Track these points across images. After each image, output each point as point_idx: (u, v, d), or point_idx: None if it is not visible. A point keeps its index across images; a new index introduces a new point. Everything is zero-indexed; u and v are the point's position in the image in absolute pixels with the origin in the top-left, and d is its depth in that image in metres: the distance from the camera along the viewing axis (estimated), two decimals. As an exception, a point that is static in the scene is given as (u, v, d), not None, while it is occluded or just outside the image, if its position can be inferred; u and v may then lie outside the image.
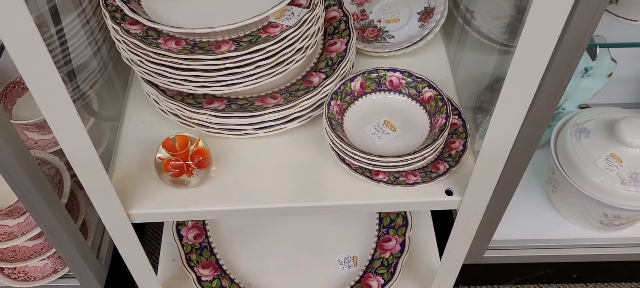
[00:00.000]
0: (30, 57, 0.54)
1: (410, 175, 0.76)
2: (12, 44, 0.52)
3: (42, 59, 0.54)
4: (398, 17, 0.94)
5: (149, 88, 0.79)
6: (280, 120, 0.79)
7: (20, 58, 0.54)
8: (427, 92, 0.81)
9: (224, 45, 0.70)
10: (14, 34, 0.51)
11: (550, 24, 0.54)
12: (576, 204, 1.07)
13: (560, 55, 0.69)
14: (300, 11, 0.73)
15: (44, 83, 0.56)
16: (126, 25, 0.71)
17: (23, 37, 0.52)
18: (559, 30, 0.55)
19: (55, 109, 0.59)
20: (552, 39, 0.56)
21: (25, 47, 0.53)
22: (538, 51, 0.57)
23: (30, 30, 0.51)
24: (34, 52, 0.53)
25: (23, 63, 0.54)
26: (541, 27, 0.54)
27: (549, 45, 0.57)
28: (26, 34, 0.51)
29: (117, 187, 0.77)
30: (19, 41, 0.52)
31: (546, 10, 0.53)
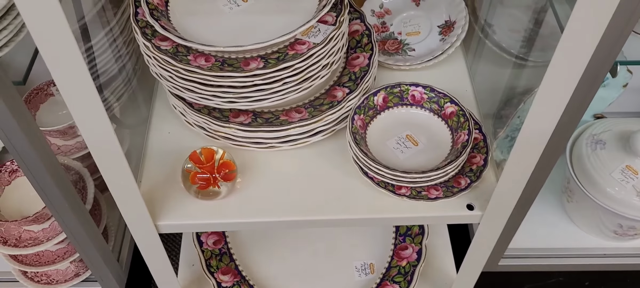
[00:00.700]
0: (70, 78, 0.55)
1: (432, 189, 0.78)
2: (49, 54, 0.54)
3: (79, 73, 0.55)
4: (419, 30, 0.95)
5: (175, 101, 0.80)
6: (305, 134, 0.80)
7: (61, 78, 0.55)
8: (449, 108, 0.82)
9: (253, 62, 0.71)
10: (54, 50, 0.53)
11: (582, 45, 0.55)
12: (591, 214, 1.08)
13: (585, 75, 0.70)
14: (327, 28, 0.74)
15: (83, 103, 0.58)
16: (157, 41, 0.72)
17: (63, 53, 0.53)
18: (591, 52, 0.56)
19: (92, 127, 0.61)
20: (583, 60, 0.57)
21: (66, 66, 0.54)
22: (568, 72, 0.58)
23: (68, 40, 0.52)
24: (75, 72, 0.55)
25: (63, 83, 0.56)
26: (574, 48, 0.55)
27: (580, 66, 0.58)
28: (66, 50, 0.53)
29: (145, 197, 0.78)
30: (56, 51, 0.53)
31: (579, 33, 0.54)
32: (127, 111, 0.96)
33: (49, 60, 0.55)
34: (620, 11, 0.56)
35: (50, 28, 0.51)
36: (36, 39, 0.52)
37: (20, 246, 0.94)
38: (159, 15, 0.73)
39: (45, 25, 0.51)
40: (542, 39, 0.94)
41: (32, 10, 0.49)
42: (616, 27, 0.63)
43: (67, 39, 0.52)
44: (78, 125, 0.61)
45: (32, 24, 0.51)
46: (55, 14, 0.50)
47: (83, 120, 0.60)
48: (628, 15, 0.61)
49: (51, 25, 0.51)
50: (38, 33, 0.52)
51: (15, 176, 0.97)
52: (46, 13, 0.50)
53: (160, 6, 0.75)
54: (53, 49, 0.53)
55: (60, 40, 0.52)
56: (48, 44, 0.53)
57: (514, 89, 0.96)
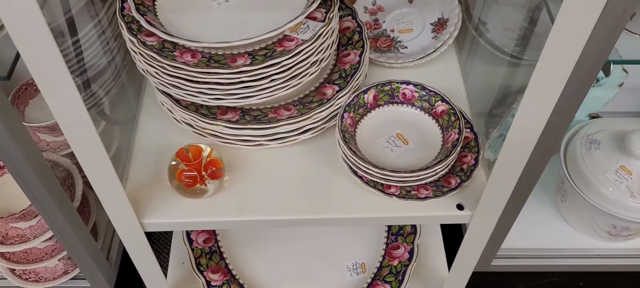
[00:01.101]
0: (47, 72, 0.54)
1: (422, 189, 0.77)
2: (28, 54, 0.52)
3: (59, 73, 0.54)
4: (411, 27, 0.94)
5: (163, 97, 0.79)
6: (294, 132, 0.79)
7: (37, 71, 0.54)
8: (440, 106, 0.81)
9: (240, 58, 0.70)
10: (30, 44, 0.52)
11: (572, 42, 0.54)
12: (585, 214, 1.07)
13: (576, 74, 0.69)
14: (316, 25, 0.73)
15: (62, 97, 0.57)
16: (142, 36, 0.71)
17: (39, 48, 0.52)
18: (580, 49, 0.55)
19: (72, 123, 0.60)
20: (572, 57, 0.56)
21: (42, 60, 0.53)
22: (557, 69, 0.57)
23: (47, 40, 0.51)
24: (51, 65, 0.54)
25: (41, 77, 0.55)
26: (563, 44, 0.54)
27: (570, 62, 0.57)
28: (43, 45, 0.52)
29: (130, 195, 0.77)
30: (35, 52, 0.52)
31: (569, 29, 0.53)
32: (117, 107, 0.95)
33: (29, 61, 0.54)
34: (611, 8, 0.55)
35: (28, 27, 0.50)
36: (14, 37, 0.51)
37: (7, 243, 0.93)
38: (145, 10, 0.72)
39: (23, 25, 0.50)
40: (536, 38, 0.93)
41: (8, 8, 0.48)
42: (607, 24, 0.62)
43: (46, 39, 0.51)
44: (60, 126, 0.60)
45: (9, 21, 0.50)
46: (33, 13, 0.49)
47: (65, 122, 0.60)
48: (619, 12, 0.60)
49: (29, 24, 0.50)
50: (15, 32, 0.51)
51: (2, 172, 0.96)
52: (24, 12, 0.49)
53: (146, 1, 0.74)
54: (32, 50, 0.52)
55: (39, 41, 0.51)
56: (26, 43, 0.52)
57: (508, 88, 0.95)
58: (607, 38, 0.64)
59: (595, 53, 0.66)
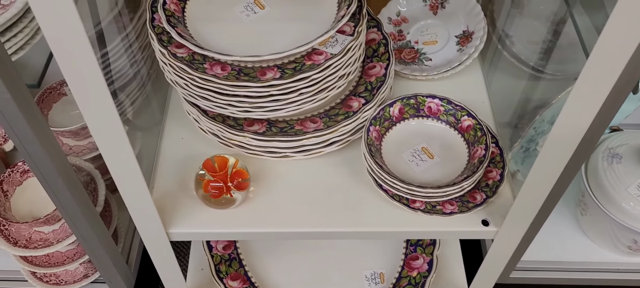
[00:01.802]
0: (85, 87, 0.55)
1: (447, 204, 0.77)
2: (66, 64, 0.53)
3: (97, 88, 0.55)
4: (436, 39, 0.94)
5: (189, 107, 0.80)
6: (319, 144, 0.79)
7: (76, 87, 0.55)
8: (466, 121, 0.81)
9: (269, 72, 0.71)
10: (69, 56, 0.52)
11: (612, 63, 0.54)
12: (605, 229, 1.07)
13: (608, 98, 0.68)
14: (344, 39, 0.73)
15: (98, 113, 0.57)
16: (173, 48, 0.71)
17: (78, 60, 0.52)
18: (621, 70, 0.55)
19: (107, 136, 0.60)
20: (612, 78, 0.56)
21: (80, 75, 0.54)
22: (594, 92, 0.57)
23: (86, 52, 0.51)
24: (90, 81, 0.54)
25: (78, 91, 0.55)
26: (603, 66, 0.54)
27: (608, 83, 0.56)
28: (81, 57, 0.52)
29: (157, 204, 0.78)
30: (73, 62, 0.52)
31: (609, 52, 0.52)
32: (141, 115, 0.95)
33: (64, 67, 0.54)
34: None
35: (65, 33, 0.50)
36: (51, 44, 0.52)
37: (30, 247, 0.93)
38: (176, 22, 0.72)
39: (61, 31, 0.50)
40: (560, 51, 0.93)
41: (47, 15, 0.49)
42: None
43: (83, 46, 0.51)
44: (93, 134, 0.60)
45: (48, 28, 0.50)
46: (71, 19, 0.49)
47: (97, 130, 0.60)
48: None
49: (66, 30, 0.50)
50: (53, 38, 0.51)
51: (27, 176, 0.96)
52: (62, 18, 0.49)
53: (177, 13, 0.74)
54: (68, 56, 0.53)
55: (76, 47, 0.52)
56: (63, 50, 0.52)
57: (531, 101, 0.95)
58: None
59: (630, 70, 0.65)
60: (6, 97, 0.59)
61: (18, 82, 0.62)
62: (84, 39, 0.51)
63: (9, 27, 0.71)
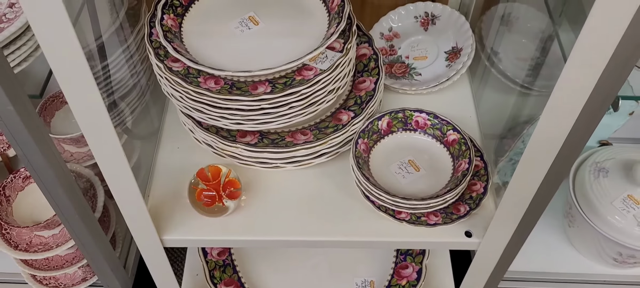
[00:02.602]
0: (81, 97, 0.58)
1: (431, 215, 0.79)
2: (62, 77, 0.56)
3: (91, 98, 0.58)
4: (426, 54, 0.97)
5: (185, 118, 0.83)
6: (309, 156, 0.82)
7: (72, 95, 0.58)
8: (451, 135, 0.84)
9: (261, 86, 0.74)
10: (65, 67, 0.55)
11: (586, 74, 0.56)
12: (591, 241, 1.09)
13: (586, 110, 0.71)
14: (334, 55, 0.76)
15: (94, 123, 0.61)
16: (169, 62, 0.75)
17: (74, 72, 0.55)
18: (593, 84, 0.58)
19: (103, 147, 0.63)
20: (586, 91, 0.58)
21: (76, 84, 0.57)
22: (569, 104, 0.59)
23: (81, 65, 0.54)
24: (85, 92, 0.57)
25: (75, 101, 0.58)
26: (577, 77, 0.57)
27: (582, 97, 0.59)
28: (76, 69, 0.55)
29: (152, 211, 0.81)
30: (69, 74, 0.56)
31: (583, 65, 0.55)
32: (140, 124, 0.99)
33: (62, 82, 0.57)
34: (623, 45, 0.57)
35: (62, 49, 0.53)
36: (49, 58, 0.55)
37: (30, 251, 0.96)
38: (173, 37, 0.76)
39: (58, 47, 0.53)
40: (547, 68, 0.96)
41: (45, 30, 0.52)
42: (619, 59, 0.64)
43: (79, 63, 0.54)
44: (90, 146, 0.64)
45: (45, 43, 0.53)
46: (68, 35, 0.52)
47: (94, 141, 0.63)
48: (631, 49, 0.62)
49: (64, 46, 0.53)
50: (51, 53, 0.54)
51: (29, 182, 1.00)
52: (59, 35, 0.52)
53: (174, 28, 0.77)
54: (65, 72, 0.56)
55: (73, 64, 0.55)
56: (60, 64, 0.55)
57: (518, 117, 0.98)
58: (618, 73, 0.67)
59: (606, 87, 0.68)
60: (9, 108, 0.62)
61: (20, 94, 0.65)
62: (81, 55, 0.54)
63: (13, 39, 0.74)
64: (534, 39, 0.98)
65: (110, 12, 0.82)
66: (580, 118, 0.72)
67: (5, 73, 0.62)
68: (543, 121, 0.61)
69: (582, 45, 0.54)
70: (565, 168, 0.79)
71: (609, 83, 0.67)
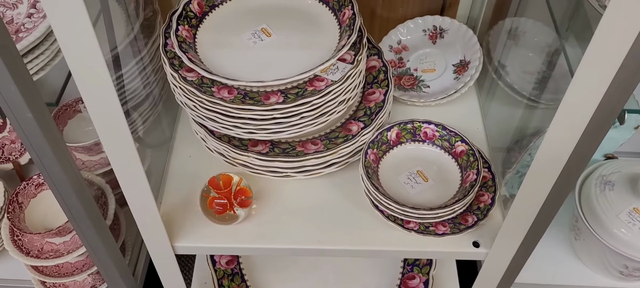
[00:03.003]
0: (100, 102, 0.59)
1: (439, 225, 0.80)
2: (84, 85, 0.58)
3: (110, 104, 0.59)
4: (434, 67, 0.99)
5: (197, 127, 0.84)
6: (320, 165, 0.83)
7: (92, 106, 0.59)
8: (459, 146, 0.85)
9: (273, 96, 0.75)
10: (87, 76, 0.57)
11: (593, 89, 0.57)
12: (597, 254, 1.10)
13: (592, 123, 0.72)
14: (345, 66, 0.78)
15: (112, 132, 0.62)
16: (183, 72, 0.76)
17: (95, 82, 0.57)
18: (600, 97, 0.59)
19: (120, 155, 0.64)
20: (592, 105, 0.59)
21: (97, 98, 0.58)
22: (576, 118, 0.60)
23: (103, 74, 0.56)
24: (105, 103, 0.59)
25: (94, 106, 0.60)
26: (583, 92, 0.58)
27: (588, 110, 0.60)
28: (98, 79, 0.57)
29: (164, 218, 0.82)
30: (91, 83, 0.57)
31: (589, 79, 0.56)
32: (152, 133, 1.00)
33: (82, 88, 0.59)
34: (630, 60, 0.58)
35: (84, 56, 0.55)
36: (71, 66, 0.56)
37: (41, 257, 0.98)
38: (187, 48, 0.77)
39: (80, 54, 0.55)
40: (554, 82, 0.97)
41: (68, 39, 0.53)
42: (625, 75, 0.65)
43: (100, 69, 0.56)
44: (106, 150, 0.65)
45: (68, 51, 0.55)
46: (90, 43, 0.54)
47: (110, 147, 0.64)
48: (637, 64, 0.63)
49: (85, 53, 0.55)
50: (73, 61, 0.56)
51: (41, 189, 1.01)
52: (81, 44, 0.54)
53: (188, 39, 0.79)
54: (86, 78, 0.57)
55: (93, 69, 0.56)
56: (82, 72, 0.57)
57: (525, 130, 0.99)
58: (624, 88, 0.68)
59: (613, 101, 0.69)
60: (28, 116, 0.64)
61: (39, 101, 0.67)
62: (101, 62, 0.55)
63: (31, 49, 0.76)
64: (541, 53, 1.00)
65: (125, 23, 0.84)
66: (586, 132, 0.73)
67: (25, 81, 0.64)
68: (550, 135, 0.63)
69: (589, 60, 0.55)
70: (572, 181, 0.80)
71: (615, 97, 0.68)
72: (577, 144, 0.72)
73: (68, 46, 0.54)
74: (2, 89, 0.60)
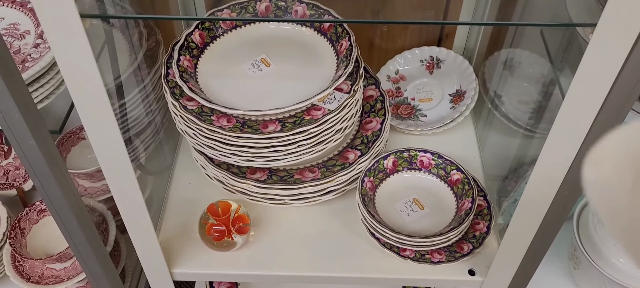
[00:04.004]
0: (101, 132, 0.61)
1: (435, 253, 0.81)
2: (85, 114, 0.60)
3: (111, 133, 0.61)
4: (431, 96, 1.00)
5: (197, 154, 0.86)
6: (317, 193, 0.84)
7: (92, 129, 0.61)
8: (455, 175, 0.86)
9: (271, 125, 0.77)
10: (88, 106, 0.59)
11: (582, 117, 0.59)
12: (596, 283, 1.10)
13: (583, 150, 0.73)
14: (342, 96, 0.79)
15: (112, 156, 0.64)
16: (184, 101, 0.78)
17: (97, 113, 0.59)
18: (589, 126, 0.60)
19: (120, 183, 0.66)
20: (582, 133, 0.61)
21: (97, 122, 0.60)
22: (566, 145, 0.62)
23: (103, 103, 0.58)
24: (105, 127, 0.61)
25: (95, 135, 0.62)
26: (571, 123, 0.59)
27: (578, 139, 0.61)
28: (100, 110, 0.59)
29: (163, 245, 0.83)
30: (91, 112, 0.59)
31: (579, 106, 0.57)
32: (153, 160, 1.02)
33: (84, 117, 0.60)
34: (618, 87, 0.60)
35: (86, 88, 0.57)
36: (74, 96, 0.58)
37: (42, 283, 0.98)
38: (188, 77, 0.79)
39: (83, 86, 0.57)
40: (549, 112, 0.98)
41: (72, 71, 0.55)
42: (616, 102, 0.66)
43: (102, 100, 0.58)
44: (106, 178, 0.66)
45: (71, 83, 0.57)
46: (92, 75, 0.56)
47: (111, 175, 0.66)
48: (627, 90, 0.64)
49: (88, 85, 0.57)
50: (76, 91, 0.58)
51: (43, 215, 1.02)
52: (84, 75, 0.56)
53: (189, 69, 0.81)
54: (88, 108, 0.59)
55: (95, 101, 0.58)
56: (84, 102, 0.59)
57: (521, 159, 1.00)
58: (614, 115, 0.69)
59: (603, 129, 0.70)
60: (31, 143, 0.66)
61: (43, 129, 0.69)
62: (103, 94, 0.57)
63: (37, 78, 0.78)
64: (536, 83, 1.01)
65: (129, 53, 0.87)
66: (578, 156, 0.74)
67: (29, 109, 0.66)
68: (541, 162, 0.64)
69: (578, 86, 0.56)
70: (566, 209, 0.80)
71: (605, 124, 0.69)
72: (570, 169, 0.73)
73: (71, 78, 0.56)
74: (6, 117, 0.62)
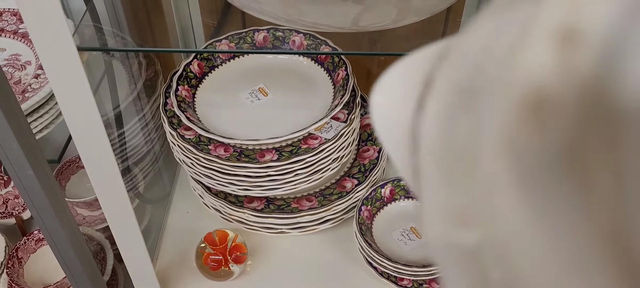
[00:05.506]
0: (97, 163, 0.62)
1: (433, 282, 0.81)
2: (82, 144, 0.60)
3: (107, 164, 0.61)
4: (428, 125, 1.01)
5: (195, 183, 0.86)
6: (314, 222, 0.84)
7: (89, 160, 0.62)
8: (452, 203, 0.86)
9: (268, 154, 0.77)
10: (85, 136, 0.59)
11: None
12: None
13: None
14: (338, 125, 0.80)
15: (108, 187, 0.64)
16: (181, 130, 0.79)
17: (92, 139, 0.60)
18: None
19: (117, 214, 0.66)
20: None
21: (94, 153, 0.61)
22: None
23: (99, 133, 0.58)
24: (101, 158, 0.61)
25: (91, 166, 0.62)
26: None
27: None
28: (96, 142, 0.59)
29: (159, 274, 0.83)
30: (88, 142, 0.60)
31: None
32: (152, 188, 1.02)
33: (81, 148, 0.61)
34: None
35: (83, 120, 0.58)
36: (71, 127, 0.59)
37: (39, 313, 0.98)
38: (186, 107, 0.80)
39: (80, 118, 0.58)
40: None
41: (69, 103, 0.56)
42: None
43: (98, 132, 0.59)
44: (103, 208, 0.67)
45: (68, 115, 0.58)
46: (89, 108, 0.57)
47: (108, 206, 0.66)
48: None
49: (85, 117, 0.57)
50: (73, 123, 0.59)
51: (41, 244, 1.02)
52: (81, 107, 0.56)
53: (188, 98, 0.82)
54: (85, 139, 0.60)
55: (92, 132, 0.59)
56: (81, 133, 0.59)
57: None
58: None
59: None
60: (29, 173, 0.66)
61: (41, 159, 0.69)
62: (100, 126, 0.58)
63: (37, 108, 0.79)
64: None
65: (128, 83, 0.88)
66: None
67: (28, 140, 0.67)
68: None
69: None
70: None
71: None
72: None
73: (68, 110, 0.57)
74: (5, 147, 0.62)
